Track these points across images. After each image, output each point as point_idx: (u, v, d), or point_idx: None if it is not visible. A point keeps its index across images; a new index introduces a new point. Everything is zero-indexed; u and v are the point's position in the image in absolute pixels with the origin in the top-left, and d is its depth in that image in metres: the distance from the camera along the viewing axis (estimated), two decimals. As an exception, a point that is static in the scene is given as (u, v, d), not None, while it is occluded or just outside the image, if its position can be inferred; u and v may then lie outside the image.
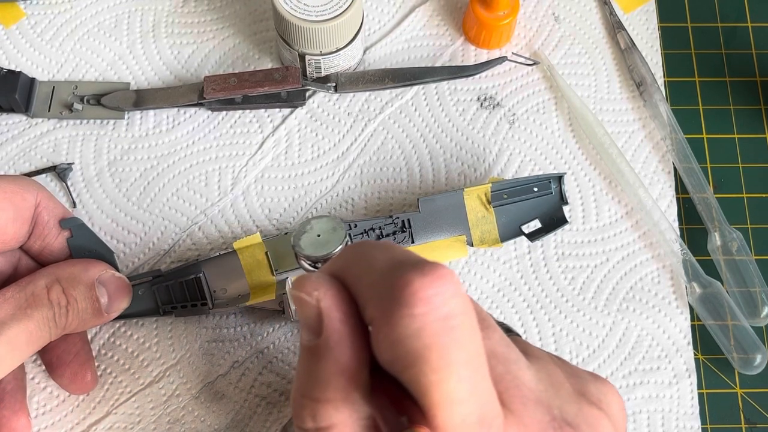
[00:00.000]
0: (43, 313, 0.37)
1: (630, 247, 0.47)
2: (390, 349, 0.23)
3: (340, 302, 0.24)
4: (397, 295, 0.22)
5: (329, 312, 0.24)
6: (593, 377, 0.29)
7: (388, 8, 0.53)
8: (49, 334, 0.38)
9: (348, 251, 0.26)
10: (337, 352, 0.24)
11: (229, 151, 0.49)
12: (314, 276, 0.25)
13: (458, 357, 0.22)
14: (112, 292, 0.40)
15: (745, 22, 0.54)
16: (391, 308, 0.22)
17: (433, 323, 0.22)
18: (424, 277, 0.22)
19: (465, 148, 0.49)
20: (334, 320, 0.24)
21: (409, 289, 0.22)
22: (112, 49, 0.51)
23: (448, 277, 0.23)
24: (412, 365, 0.22)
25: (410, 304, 0.22)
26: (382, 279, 0.23)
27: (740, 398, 0.44)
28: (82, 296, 0.39)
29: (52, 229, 0.40)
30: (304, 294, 0.24)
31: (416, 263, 0.23)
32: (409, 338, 0.22)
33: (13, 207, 0.37)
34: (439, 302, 0.22)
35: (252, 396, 0.43)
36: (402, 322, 0.22)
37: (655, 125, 0.49)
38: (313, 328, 0.24)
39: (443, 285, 0.22)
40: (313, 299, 0.24)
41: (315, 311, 0.24)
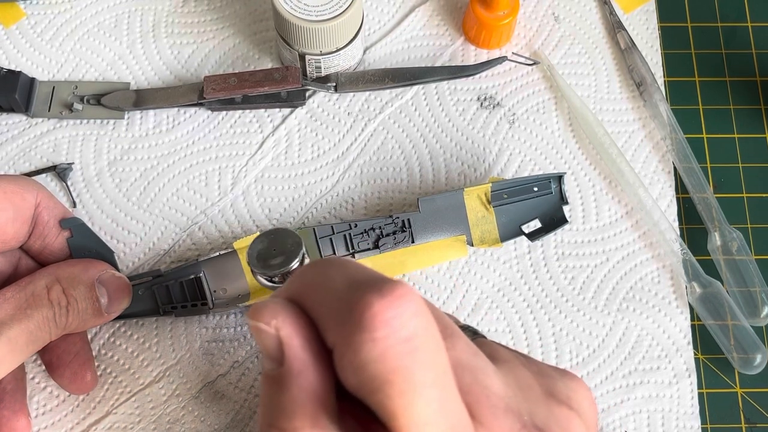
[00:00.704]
0: (43, 313, 0.37)
1: (630, 247, 0.47)
2: (354, 374, 0.22)
3: (300, 328, 0.24)
4: (356, 319, 0.22)
5: (289, 340, 0.23)
6: (561, 374, 0.28)
7: (388, 8, 0.53)
8: (49, 334, 0.37)
9: (304, 272, 0.25)
10: (301, 380, 0.23)
11: (229, 151, 0.49)
12: (271, 303, 0.24)
13: (424, 378, 0.22)
14: (112, 292, 0.40)
15: (745, 21, 0.54)
16: (351, 333, 0.22)
17: (396, 346, 0.21)
18: (383, 299, 0.22)
19: (465, 148, 0.49)
20: (295, 348, 0.23)
21: (369, 313, 0.21)
22: (112, 49, 0.51)
23: (407, 296, 0.22)
24: (378, 390, 0.22)
25: (370, 328, 0.21)
26: (341, 302, 0.23)
27: (740, 398, 0.44)
28: (82, 296, 0.39)
29: (52, 229, 0.40)
30: (262, 324, 0.24)
31: (374, 283, 0.22)
32: (373, 363, 0.21)
33: (13, 207, 0.37)
34: (400, 324, 0.21)
35: (252, 396, 0.43)
36: (364, 347, 0.21)
37: (655, 125, 0.49)
38: (275, 357, 0.24)
39: (403, 305, 0.22)
40: (272, 328, 0.23)
41: (275, 341, 0.24)
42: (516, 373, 0.27)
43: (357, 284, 0.23)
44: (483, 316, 0.45)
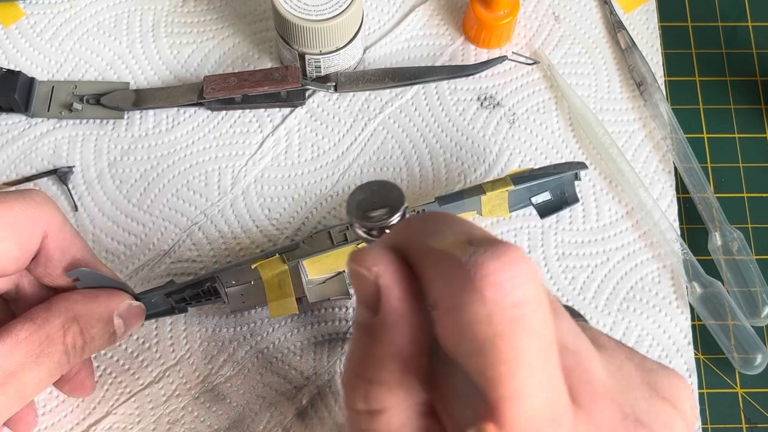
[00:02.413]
0: (56, 359, 0.35)
1: (630, 247, 0.47)
2: (455, 334, 0.21)
3: (401, 279, 0.23)
4: (467, 277, 0.21)
5: (388, 290, 0.23)
6: (664, 370, 0.27)
7: (388, 8, 0.53)
8: (59, 374, 0.36)
9: (412, 223, 0.24)
10: (394, 333, 0.22)
11: (228, 151, 0.49)
12: (374, 249, 0.23)
13: (530, 348, 0.20)
14: (127, 319, 0.39)
15: (746, 21, 0.54)
16: (459, 291, 0.21)
17: (505, 310, 0.20)
18: (498, 260, 0.21)
19: (465, 148, 0.49)
20: (393, 299, 0.23)
21: (481, 272, 0.20)
22: (112, 49, 0.51)
23: (522, 261, 0.21)
24: (480, 354, 0.21)
25: (481, 288, 0.20)
26: (450, 258, 0.22)
27: (741, 398, 0.44)
28: (99, 333, 0.37)
29: (56, 263, 0.37)
30: (363, 269, 0.23)
31: (489, 243, 0.21)
32: (478, 324, 0.20)
33: (19, 245, 0.35)
34: (512, 288, 0.20)
35: (252, 396, 0.43)
36: (471, 307, 0.20)
37: (655, 125, 0.49)
38: (371, 306, 0.23)
39: (518, 269, 0.21)
40: (372, 275, 0.23)
41: (373, 288, 0.23)
42: (618, 362, 0.26)
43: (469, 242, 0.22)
44: (483, 317, 0.45)
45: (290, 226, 0.47)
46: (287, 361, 0.44)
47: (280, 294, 0.42)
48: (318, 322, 0.45)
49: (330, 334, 0.44)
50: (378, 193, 0.34)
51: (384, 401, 0.22)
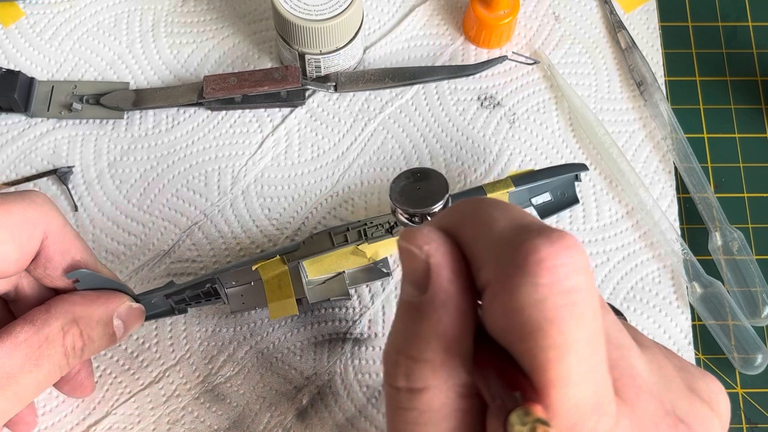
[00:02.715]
0: (55, 361, 0.35)
1: (631, 247, 0.47)
2: (505, 317, 0.21)
3: (451, 260, 0.23)
4: (520, 261, 0.21)
5: (438, 269, 0.23)
6: (702, 374, 0.27)
7: (388, 8, 0.53)
8: (59, 376, 0.36)
9: (463, 206, 0.24)
10: (441, 312, 0.22)
11: (228, 151, 0.49)
12: (426, 229, 0.24)
13: (579, 335, 0.21)
14: (127, 321, 0.39)
15: (746, 21, 0.54)
16: (511, 274, 0.21)
17: (557, 295, 0.20)
18: (552, 246, 0.21)
19: (465, 148, 0.49)
20: (443, 278, 0.23)
21: (535, 257, 0.21)
22: (112, 49, 0.51)
23: (576, 248, 0.21)
24: (529, 338, 0.21)
25: (534, 273, 0.20)
26: (503, 241, 0.22)
27: (741, 398, 0.44)
28: (99, 335, 0.37)
29: (56, 264, 0.37)
30: (414, 246, 0.23)
31: (542, 229, 0.21)
32: (529, 308, 0.21)
33: (18, 248, 0.34)
34: (565, 274, 0.21)
35: (252, 396, 0.43)
36: (523, 290, 0.21)
37: (655, 125, 0.49)
38: (419, 284, 0.23)
39: (571, 256, 0.21)
40: (423, 253, 0.23)
41: (423, 266, 0.23)
42: (659, 361, 0.26)
43: (523, 227, 0.22)
44: (483, 317, 0.45)
45: (290, 226, 0.47)
46: (287, 361, 0.44)
47: (280, 295, 0.41)
48: (318, 322, 0.45)
49: (330, 335, 0.44)
50: (421, 180, 0.34)
51: (426, 380, 0.23)
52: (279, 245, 0.45)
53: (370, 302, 0.45)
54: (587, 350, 0.21)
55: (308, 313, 0.44)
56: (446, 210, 0.25)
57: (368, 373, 0.43)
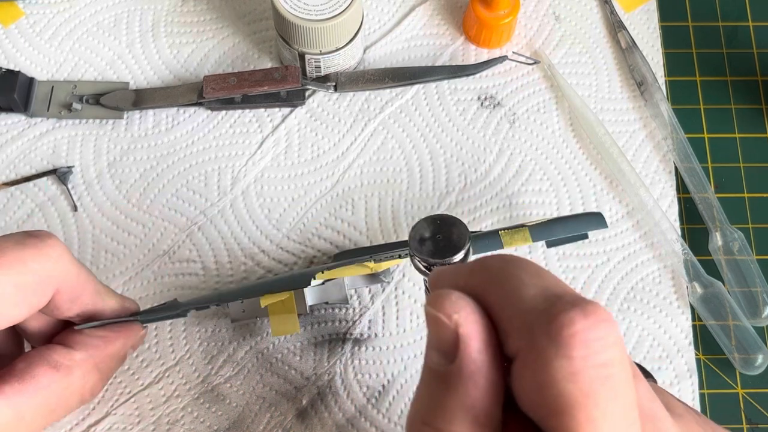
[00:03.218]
0: (70, 407, 0.35)
1: (631, 247, 0.47)
2: (536, 390, 0.21)
3: (481, 330, 0.22)
4: (553, 333, 0.20)
5: (468, 339, 0.22)
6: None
7: (388, 7, 0.53)
8: (66, 416, 0.37)
9: (490, 266, 0.24)
10: (470, 385, 0.22)
11: (228, 151, 0.48)
12: (454, 296, 0.23)
13: (615, 409, 0.20)
14: (135, 345, 0.40)
15: (746, 21, 0.54)
16: (544, 346, 0.20)
17: (591, 369, 0.20)
18: (586, 318, 0.20)
19: (465, 148, 0.49)
20: (472, 349, 0.22)
21: (570, 329, 0.20)
22: (111, 49, 0.51)
23: (609, 321, 0.21)
24: (562, 413, 0.20)
25: (569, 345, 0.20)
26: (535, 311, 0.21)
27: (741, 398, 0.44)
28: (113, 369, 0.38)
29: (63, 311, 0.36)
30: (443, 315, 0.22)
31: (575, 300, 0.21)
32: (563, 382, 0.20)
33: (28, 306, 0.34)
34: (600, 347, 0.20)
35: (252, 396, 0.43)
36: (557, 363, 0.20)
37: (656, 125, 0.49)
38: (447, 353, 0.22)
39: (605, 329, 0.21)
40: (452, 323, 0.22)
41: (452, 335, 0.22)
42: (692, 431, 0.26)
43: (555, 296, 0.22)
44: (483, 317, 0.45)
45: (290, 226, 0.47)
46: (287, 361, 0.44)
47: (282, 309, 0.41)
48: (318, 322, 0.45)
49: (330, 335, 0.44)
50: (441, 228, 0.33)
51: None
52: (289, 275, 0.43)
53: (370, 302, 0.45)
54: (622, 425, 0.21)
55: (308, 314, 0.44)
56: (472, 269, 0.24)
57: (368, 373, 0.43)
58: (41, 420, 0.34)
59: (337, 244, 0.46)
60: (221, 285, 0.45)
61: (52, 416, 0.35)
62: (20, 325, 0.37)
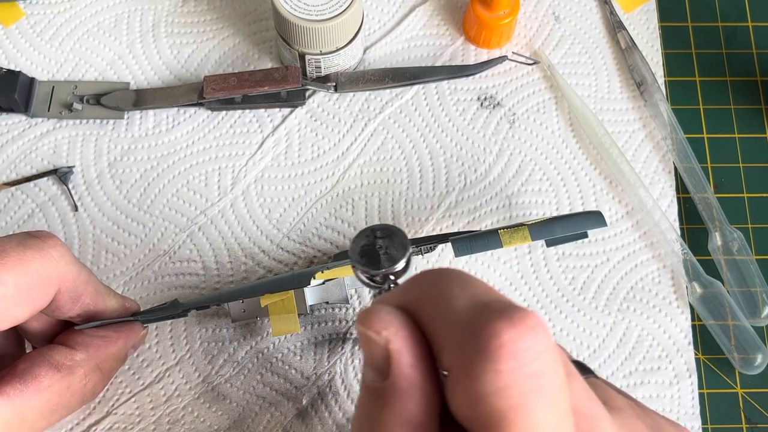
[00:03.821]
0: (71, 407, 0.36)
1: (630, 247, 0.47)
2: (469, 404, 0.20)
3: (412, 344, 0.22)
4: (481, 346, 0.20)
5: (399, 355, 0.22)
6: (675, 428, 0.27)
7: (388, 8, 0.53)
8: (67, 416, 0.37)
9: (421, 282, 0.23)
10: (405, 400, 0.22)
11: (228, 151, 0.49)
12: (383, 311, 0.22)
13: (546, 420, 0.20)
14: (136, 345, 0.40)
15: (746, 21, 0.54)
16: (474, 360, 0.20)
17: (521, 381, 0.20)
18: (514, 328, 0.20)
19: (465, 148, 0.49)
20: (404, 365, 0.22)
21: (497, 341, 0.20)
22: (112, 49, 0.51)
23: (539, 328, 0.20)
24: (494, 426, 0.20)
25: (497, 359, 0.20)
26: (463, 323, 0.21)
27: (741, 398, 0.44)
28: (114, 368, 0.38)
29: (64, 311, 0.36)
30: (372, 332, 0.22)
31: (503, 309, 0.21)
32: (494, 396, 0.20)
33: (31, 307, 0.34)
34: (529, 358, 0.20)
35: (252, 396, 0.43)
36: (486, 377, 0.20)
37: (655, 125, 0.49)
38: (380, 370, 0.22)
39: (535, 338, 0.20)
40: (382, 339, 0.22)
41: (383, 352, 0.22)
42: (631, 425, 0.25)
43: (483, 306, 0.21)
44: (483, 317, 0.45)
45: (290, 226, 0.47)
46: (287, 361, 0.44)
47: (282, 309, 0.41)
48: (318, 322, 0.45)
49: (330, 335, 0.44)
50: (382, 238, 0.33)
51: None
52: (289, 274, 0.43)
53: (370, 302, 0.45)
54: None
55: (308, 314, 0.44)
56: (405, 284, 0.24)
57: (368, 373, 0.43)
58: (43, 420, 0.34)
59: (337, 244, 0.46)
60: (222, 285, 0.45)
61: (54, 416, 0.35)
62: (21, 326, 0.37)
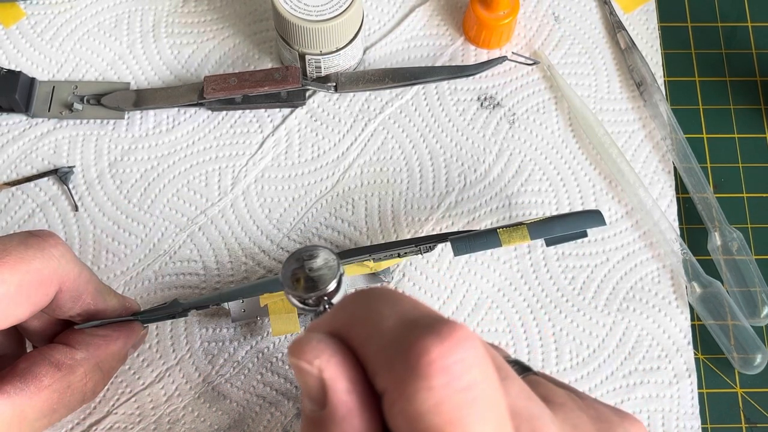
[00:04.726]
0: (72, 407, 0.36)
1: (630, 247, 0.47)
2: (407, 424, 0.20)
3: (346, 370, 0.22)
4: (412, 364, 0.20)
5: (333, 383, 0.21)
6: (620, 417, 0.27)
7: (388, 8, 0.53)
8: (68, 415, 0.37)
9: (349, 304, 0.23)
10: (344, 427, 0.21)
11: (229, 151, 0.49)
12: (314, 340, 0.22)
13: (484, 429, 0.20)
14: (136, 345, 0.40)
15: (746, 21, 0.54)
16: (405, 380, 0.20)
17: (455, 395, 0.20)
18: (441, 343, 0.20)
19: (465, 148, 0.49)
20: (339, 392, 0.21)
21: (426, 358, 0.20)
22: (112, 49, 0.51)
23: (468, 340, 0.20)
24: None
25: (427, 376, 0.19)
26: (394, 342, 0.21)
27: (740, 398, 0.44)
28: (115, 368, 0.38)
29: (65, 310, 0.36)
30: (304, 362, 0.22)
31: (430, 324, 0.20)
32: (428, 414, 0.20)
33: (31, 305, 0.34)
34: (460, 371, 0.20)
35: (252, 396, 0.43)
36: (419, 396, 0.20)
37: (655, 125, 0.49)
38: (316, 399, 0.22)
39: (464, 351, 0.20)
40: (315, 368, 0.21)
41: (317, 382, 0.22)
42: (573, 419, 0.25)
43: (411, 323, 0.21)
44: (483, 316, 0.45)
45: (291, 225, 0.47)
46: (287, 361, 0.44)
47: (282, 309, 0.41)
48: (318, 322, 0.45)
49: (330, 334, 0.44)
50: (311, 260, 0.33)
51: None
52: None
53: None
54: None
55: (308, 313, 0.44)
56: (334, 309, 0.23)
57: (368, 372, 0.44)
58: (43, 419, 0.34)
59: (337, 244, 0.47)
60: (222, 285, 0.45)
61: (54, 415, 0.35)
62: (22, 325, 0.37)
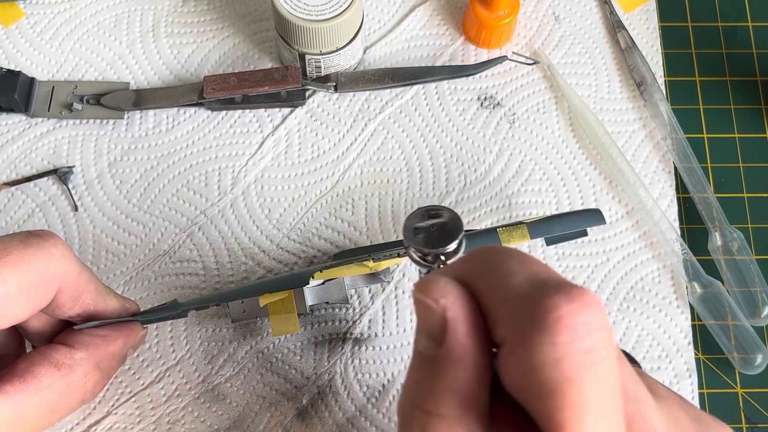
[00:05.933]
0: (71, 407, 0.36)
1: (630, 247, 0.47)
2: (522, 375, 0.21)
3: (468, 314, 0.23)
4: (538, 319, 0.20)
5: (455, 323, 0.22)
6: (717, 423, 0.27)
7: (388, 8, 0.53)
8: (68, 415, 0.37)
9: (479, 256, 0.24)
10: (458, 368, 0.22)
11: (228, 151, 0.49)
12: (442, 281, 0.23)
13: (598, 394, 0.21)
14: (136, 345, 0.40)
15: (746, 21, 0.54)
16: (529, 332, 0.21)
17: (576, 355, 0.20)
18: (571, 303, 0.21)
19: (465, 148, 0.49)
20: (459, 333, 0.22)
21: (554, 315, 0.20)
22: (112, 49, 0.51)
23: (596, 306, 0.21)
24: (547, 397, 0.20)
25: (553, 331, 0.20)
26: (521, 297, 0.21)
27: (741, 398, 0.44)
28: (114, 368, 0.38)
29: (65, 310, 0.36)
30: (430, 299, 0.23)
31: (561, 285, 0.21)
32: (547, 367, 0.20)
33: (32, 305, 0.34)
34: (585, 332, 0.20)
35: (252, 396, 0.43)
36: (541, 349, 0.20)
37: (655, 125, 0.49)
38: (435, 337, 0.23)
39: (591, 314, 0.21)
40: (439, 307, 0.23)
41: (439, 320, 0.23)
42: (675, 413, 0.25)
43: (541, 282, 0.22)
44: (483, 317, 0.45)
45: (290, 226, 0.47)
46: (287, 361, 0.44)
47: (282, 309, 0.41)
48: (318, 322, 0.45)
49: (330, 334, 0.44)
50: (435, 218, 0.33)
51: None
52: (289, 273, 0.43)
53: (370, 302, 0.45)
54: (606, 409, 0.21)
55: (308, 314, 0.44)
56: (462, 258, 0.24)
57: (368, 373, 0.44)
58: (43, 419, 0.34)
59: (337, 244, 0.47)
60: (222, 285, 0.45)
61: (54, 415, 0.35)
62: (21, 325, 0.37)
